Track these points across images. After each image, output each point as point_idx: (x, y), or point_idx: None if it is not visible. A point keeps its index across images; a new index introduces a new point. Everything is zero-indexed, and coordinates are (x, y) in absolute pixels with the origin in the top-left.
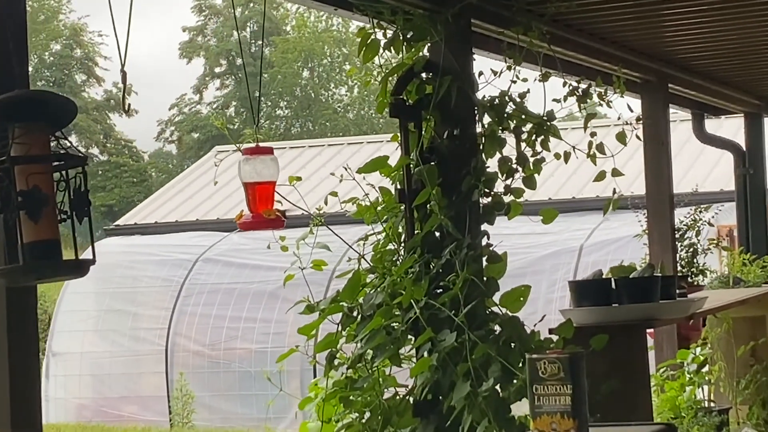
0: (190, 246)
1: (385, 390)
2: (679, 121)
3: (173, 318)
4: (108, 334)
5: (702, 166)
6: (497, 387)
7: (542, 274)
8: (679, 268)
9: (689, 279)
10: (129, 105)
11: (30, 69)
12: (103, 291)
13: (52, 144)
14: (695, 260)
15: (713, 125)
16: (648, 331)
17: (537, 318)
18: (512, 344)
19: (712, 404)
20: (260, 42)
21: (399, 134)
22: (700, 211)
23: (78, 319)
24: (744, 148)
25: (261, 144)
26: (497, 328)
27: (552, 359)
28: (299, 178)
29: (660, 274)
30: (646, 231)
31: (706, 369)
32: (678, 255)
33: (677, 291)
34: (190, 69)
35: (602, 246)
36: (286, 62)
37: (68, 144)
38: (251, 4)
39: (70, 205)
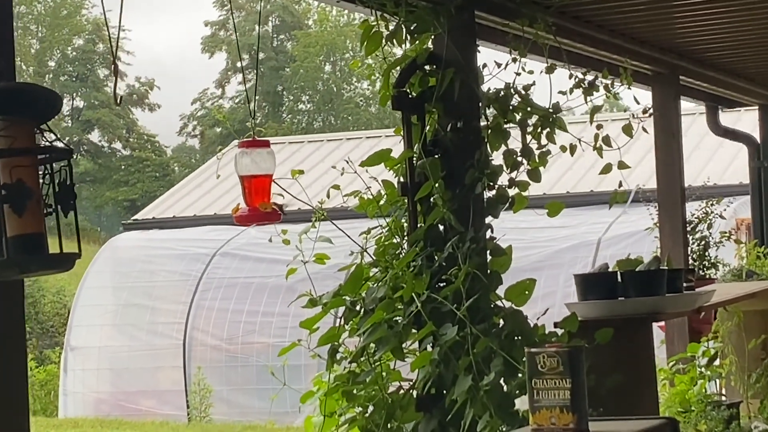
0: (207, 240)
1: (390, 384)
2: (698, 114)
3: (191, 312)
4: (126, 329)
5: (722, 158)
6: (501, 381)
7: (560, 267)
8: (690, 261)
9: (701, 272)
10: (121, 97)
11: (52, 64)
12: (121, 285)
13: (37, 137)
14: (707, 253)
15: (732, 118)
16: (659, 324)
17: (556, 311)
18: (516, 338)
19: (723, 398)
20: (282, 36)
21: (402, 127)
22: (712, 204)
23: (96, 314)
24: (759, 141)
25: (258, 137)
26: (501, 321)
27: (551, 353)
28: (301, 172)
29: (666, 268)
30: (657, 224)
31: (717, 363)
32: (690, 248)
33: (684, 284)
34: (212, 63)
35: (620, 239)
36: (308, 56)
37: (53, 137)
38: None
39: (55, 199)
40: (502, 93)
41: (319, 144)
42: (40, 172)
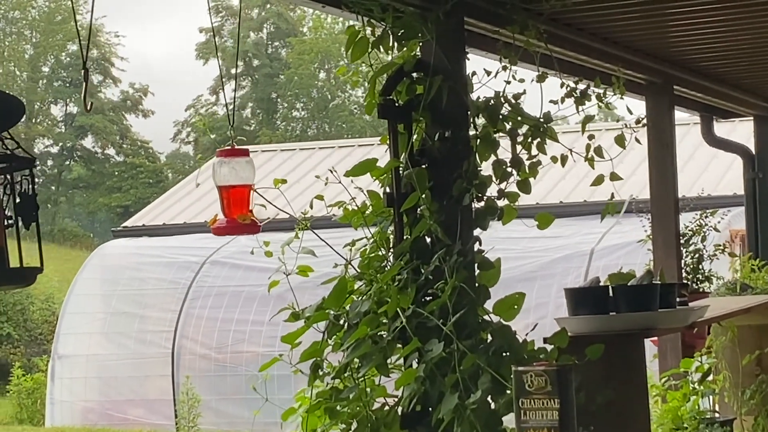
0: (197, 248)
1: (375, 400)
2: (693, 124)
3: (180, 321)
4: (114, 337)
5: (716, 169)
6: (488, 399)
7: (553, 278)
8: (684, 274)
9: (695, 285)
10: (92, 104)
11: (46, 69)
12: (110, 293)
13: None
14: (701, 266)
15: (727, 129)
16: (652, 339)
17: (548, 322)
18: (504, 354)
19: (717, 415)
20: (276, 43)
21: (388, 136)
22: (706, 216)
23: (84, 321)
24: (753, 152)
25: (237, 146)
26: (489, 337)
27: (539, 372)
28: (284, 181)
29: (659, 282)
30: (650, 236)
31: (710, 378)
32: (683, 261)
33: (677, 299)
34: (206, 70)
35: (613, 250)
36: (303, 63)
37: (15, 145)
38: (268, 5)
39: (15, 210)
40: (491, 102)
41: (311, 152)
42: (1, 182)
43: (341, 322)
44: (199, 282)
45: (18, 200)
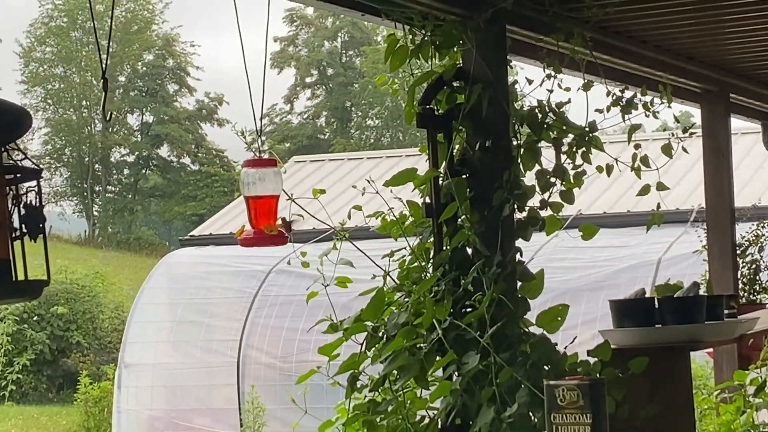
0: (263, 257)
1: (416, 412)
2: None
3: (245, 330)
4: (180, 346)
5: None
6: (528, 413)
7: (618, 288)
8: (741, 285)
9: (752, 297)
10: (111, 114)
11: (122, 79)
12: (176, 302)
13: (3, 156)
14: (758, 277)
15: None
16: (708, 351)
17: None
18: (544, 367)
19: None
20: (350, 52)
21: (427, 146)
22: (763, 226)
23: (151, 330)
24: None
25: (262, 156)
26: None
27: (571, 386)
28: (323, 191)
29: (705, 294)
30: (706, 247)
31: (766, 391)
32: (740, 272)
33: (726, 311)
34: (281, 79)
35: (681, 260)
36: (377, 72)
37: (21, 156)
38: (342, 15)
39: (21, 222)
40: (535, 110)
41: (378, 161)
42: (7, 194)
43: (380, 333)
44: (265, 291)
45: (24, 212)
